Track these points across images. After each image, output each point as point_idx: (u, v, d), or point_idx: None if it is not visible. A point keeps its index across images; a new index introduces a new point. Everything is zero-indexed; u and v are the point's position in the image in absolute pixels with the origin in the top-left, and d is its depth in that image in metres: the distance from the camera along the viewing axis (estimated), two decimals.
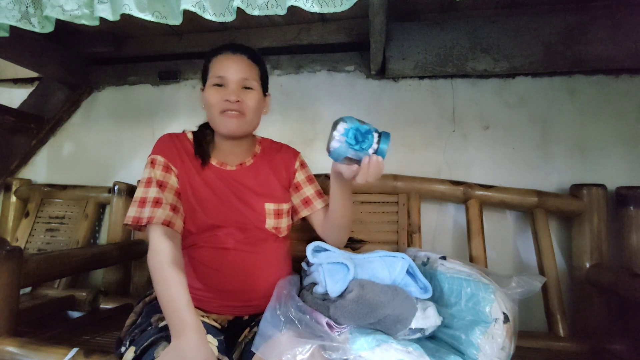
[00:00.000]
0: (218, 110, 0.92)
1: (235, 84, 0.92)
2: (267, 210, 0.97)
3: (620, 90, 1.35)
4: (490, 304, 0.82)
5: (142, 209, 0.86)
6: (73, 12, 0.98)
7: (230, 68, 0.93)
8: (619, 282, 1.09)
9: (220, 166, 0.98)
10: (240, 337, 0.88)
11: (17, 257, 1.02)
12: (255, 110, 0.95)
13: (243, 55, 0.95)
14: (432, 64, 1.42)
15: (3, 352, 0.96)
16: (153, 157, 0.93)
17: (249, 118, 0.94)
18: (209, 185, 0.95)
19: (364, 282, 0.85)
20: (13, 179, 1.77)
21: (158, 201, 0.87)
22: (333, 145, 0.79)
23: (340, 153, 0.79)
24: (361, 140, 0.78)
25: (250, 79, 0.94)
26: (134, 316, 0.93)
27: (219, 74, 0.93)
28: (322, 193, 1.07)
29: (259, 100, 0.96)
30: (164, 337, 0.77)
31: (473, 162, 1.44)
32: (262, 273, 0.93)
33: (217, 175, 0.97)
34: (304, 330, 0.76)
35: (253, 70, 0.96)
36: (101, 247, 1.51)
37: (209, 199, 0.94)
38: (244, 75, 0.93)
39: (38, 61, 1.56)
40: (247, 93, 0.94)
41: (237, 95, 0.91)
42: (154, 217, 0.84)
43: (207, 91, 0.94)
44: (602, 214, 1.23)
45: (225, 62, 0.93)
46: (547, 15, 1.33)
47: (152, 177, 0.90)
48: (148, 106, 1.74)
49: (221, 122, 0.93)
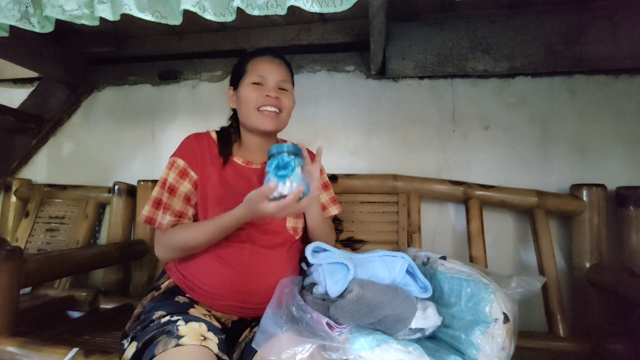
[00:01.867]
0: (255, 106, 0.97)
1: (274, 83, 0.99)
2: None
3: (620, 90, 1.35)
4: (490, 304, 0.82)
5: (155, 210, 0.93)
6: (73, 12, 0.98)
7: (271, 69, 0.99)
8: (619, 282, 1.09)
9: (246, 164, 1.01)
10: (240, 337, 0.88)
11: (17, 257, 1.03)
12: (289, 109, 1.02)
13: (281, 61, 1.03)
14: (432, 64, 1.42)
15: (3, 352, 0.96)
16: (174, 159, 0.98)
17: (284, 116, 1.01)
18: (232, 184, 0.97)
19: (364, 282, 0.85)
20: (13, 179, 1.77)
21: (167, 207, 0.93)
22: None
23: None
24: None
25: (287, 82, 1.02)
26: (140, 308, 0.94)
27: (260, 73, 0.99)
28: (336, 200, 1.13)
29: (293, 101, 1.03)
30: (164, 333, 0.78)
31: (473, 162, 1.44)
32: (275, 277, 0.92)
33: (241, 173, 1.00)
34: (305, 329, 0.76)
35: (288, 74, 1.04)
36: (101, 247, 1.51)
37: (232, 198, 0.93)
38: (283, 78, 1.00)
39: (38, 61, 1.56)
40: (285, 93, 1.00)
41: (277, 93, 0.98)
42: (163, 225, 0.92)
43: (244, 88, 0.99)
44: (602, 214, 1.23)
45: (267, 63, 1.00)
46: (547, 15, 1.33)
47: (167, 179, 0.95)
48: (148, 106, 1.74)
49: (257, 118, 0.98)
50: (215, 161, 0.99)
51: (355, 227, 1.36)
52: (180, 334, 0.77)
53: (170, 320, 0.81)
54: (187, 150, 0.99)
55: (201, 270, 0.91)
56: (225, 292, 0.90)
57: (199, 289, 0.91)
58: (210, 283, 0.91)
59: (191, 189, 0.96)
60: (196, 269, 0.92)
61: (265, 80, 0.99)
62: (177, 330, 0.78)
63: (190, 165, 0.97)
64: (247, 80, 0.99)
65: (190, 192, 0.96)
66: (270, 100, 0.97)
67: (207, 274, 0.91)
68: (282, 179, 0.79)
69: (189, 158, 0.97)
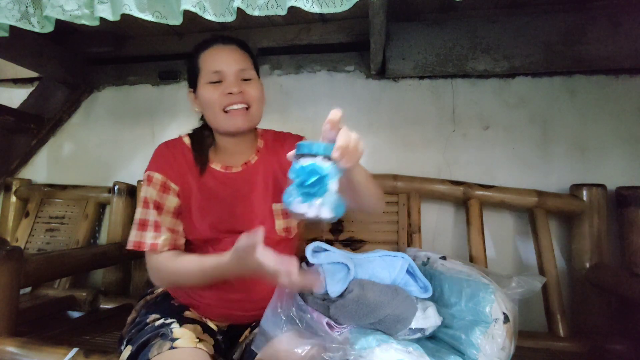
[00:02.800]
0: (219, 107, 0.86)
1: (234, 76, 0.86)
2: (274, 211, 0.91)
3: (620, 90, 1.35)
4: (490, 304, 0.82)
5: (142, 233, 0.84)
6: (73, 12, 0.98)
7: (225, 60, 0.86)
8: (619, 282, 1.09)
9: (226, 170, 0.92)
10: (241, 338, 0.88)
11: (17, 257, 1.03)
12: (260, 100, 0.90)
13: (234, 45, 0.89)
14: (432, 64, 1.42)
15: (3, 352, 0.96)
16: (150, 173, 0.88)
17: (254, 110, 0.89)
18: (214, 194, 0.90)
19: (364, 282, 0.85)
20: (13, 179, 1.77)
21: (157, 225, 0.85)
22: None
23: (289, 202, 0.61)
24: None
25: (247, 69, 0.88)
26: (134, 313, 0.93)
27: (214, 68, 0.86)
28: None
29: (261, 89, 0.91)
30: (159, 336, 0.77)
31: (473, 162, 1.44)
32: (268, 284, 0.89)
33: (221, 180, 0.91)
34: (305, 329, 0.76)
35: (248, 60, 0.90)
36: (101, 247, 1.51)
37: (214, 208, 0.89)
38: (242, 66, 0.87)
39: (38, 61, 1.56)
40: (248, 84, 0.88)
41: (239, 87, 0.85)
42: (158, 244, 0.83)
43: (202, 90, 0.87)
44: (602, 214, 1.23)
45: (218, 55, 0.87)
46: (547, 15, 1.33)
47: (149, 197, 0.86)
48: (148, 106, 1.74)
49: (225, 121, 0.87)
50: (193, 169, 0.90)
51: (355, 227, 1.36)
52: (175, 337, 0.76)
53: (165, 323, 0.81)
54: (162, 162, 0.89)
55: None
56: (218, 302, 0.88)
57: (191, 299, 0.89)
58: (201, 294, 0.88)
59: (178, 201, 0.88)
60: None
61: (222, 75, 0.86)
62: (172, 333, 0.78)
63: (169, 177, 0.88)
64: (202, 79, 0.87)
65: (177, 205, 0.88)
66: (233, 98, 0.85)
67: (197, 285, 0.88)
68: (308, 199, 0.59)
69: (166, 170, 0.88)
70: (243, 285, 0.87)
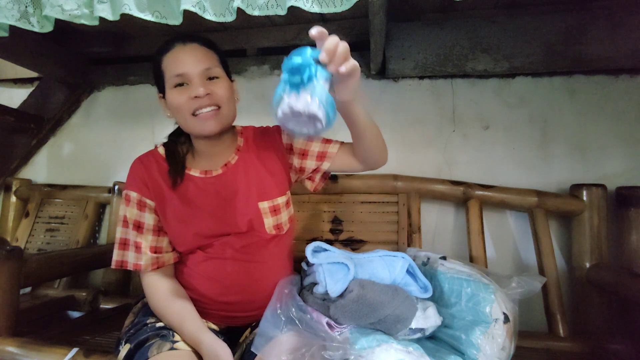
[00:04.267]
0: (188, 112, 0.82)
1: (198, 76, 0.82)
2: (262, 210, 0.89)
3: (620, 90, 1.35)
4: (490, 304, 0.82)
5: (123, 252, 0.86)
6: (73, 12, 0.98)
7: (187, 61, 0.82)
8: (619, 282, 1.09)
9: (205, 175, 0.90)
10: (241, 338, 0.88)
11: (17, 257, 1.03)
12: (229, 99, 0.85)
13: (196, 44, 0.85)
14: (432, 64, 1.41)
15: (3, 352, 0.96)
16: (126, 192, 0.87)
17: (225, 110, 0.84)
18: (195, 201, 0.88)
19: (364, 282, 0.85)
20: (13, 179, 1.77)
21: (138, 246, 0.85)
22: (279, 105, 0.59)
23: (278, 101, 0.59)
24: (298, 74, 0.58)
25: (212, 68, 0.84)
26: (132, 316, 0.93)
27: (176, 72, 0.82)
28: (329, 139, 0.95)
29: (229, 87, 0.86)
30: (158, 336, 0.77)
31: (473, 162, 1.44)
32: (264, 281, 0.89)
33: (201, 186, 0.89)
34: (305, 329, 0.76)
35: (212, 57, 0.85)
36: (101, 247, 1.51)
37: (197, 216, 0.87)
38: (206, 65, 0.83)
39: (38, 61, 1.56)
40: (215, 83, 0.84)
41: (205, 88, 0.81)
42: (141, 265, 0.84)
43: (169, 95, 0.84)
44: (602, 214, 1.23)
45: (179, 56, 0.83)
46: (547, 15, 1.33)
47: (128, 216, 0.86)
48: (148, 106, 1.74)
49: (196, 125, 0.83)
50: (169, 181, 0.88)
51: (355, 227, 1.36)
52: (175, 339, 0.77)
53: (165, 325, 0.81)
54: (135, 179, 0.88)
55: (187, 285, 0.89)
56: (215, 304, 0.88)
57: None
58: (196, 297, 0.88)
59: (156, 217, 0.88)
60: (182, 284, 0.90)
61: (186, 78, 0.82)
62: (173, 336, 0.78)
63: (143, 194, 0.87)
64: (168, 83, 0.84)
65: (156, 222, 0.88)
66: (201, 102, 0.81)
67: (192, 289, 0.88)
68: (295, 89, 0.58)
69: (140, 188, 0.87)
70: (241, 287, 0.88)
